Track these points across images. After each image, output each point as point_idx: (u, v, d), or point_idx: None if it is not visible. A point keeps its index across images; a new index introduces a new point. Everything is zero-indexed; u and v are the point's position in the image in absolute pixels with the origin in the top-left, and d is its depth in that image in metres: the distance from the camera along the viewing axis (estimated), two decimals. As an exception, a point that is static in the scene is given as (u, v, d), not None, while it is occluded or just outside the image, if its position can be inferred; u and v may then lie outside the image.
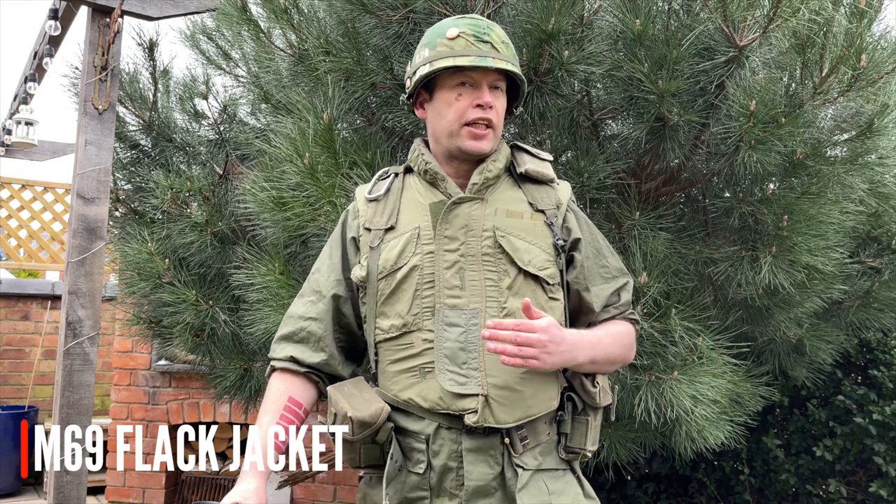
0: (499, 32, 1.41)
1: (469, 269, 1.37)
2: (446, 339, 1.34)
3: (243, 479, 1.31)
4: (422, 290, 1.37)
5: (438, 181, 1.43)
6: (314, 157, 2.09)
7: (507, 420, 1.33)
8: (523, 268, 1.37)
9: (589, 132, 2.23)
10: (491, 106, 1.39)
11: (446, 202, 1.40)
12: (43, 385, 5.49)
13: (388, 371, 1.40)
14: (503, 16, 2.09)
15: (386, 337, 1.40)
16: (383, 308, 1.40)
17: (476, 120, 1.39)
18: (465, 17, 1.43)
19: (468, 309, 1.35)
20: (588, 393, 1.42)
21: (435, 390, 1.34)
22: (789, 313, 2.39)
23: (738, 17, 1.84)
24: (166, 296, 2.82)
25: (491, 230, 1.39)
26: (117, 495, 4.43)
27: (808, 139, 2.01)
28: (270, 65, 2.50)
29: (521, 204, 1.44)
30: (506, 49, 1.40)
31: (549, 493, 1.36)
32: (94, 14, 3.04)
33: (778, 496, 3.49)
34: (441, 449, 1.35)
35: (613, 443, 2.48)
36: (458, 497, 1.33)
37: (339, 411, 1.35)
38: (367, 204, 1.48)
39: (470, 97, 1.38)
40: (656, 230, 2.12)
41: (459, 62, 1.35)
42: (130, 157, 3.31)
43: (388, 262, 1.40)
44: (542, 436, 1.39)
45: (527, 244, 1.40)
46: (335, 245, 1.51)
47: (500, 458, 1.35)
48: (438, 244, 1.38)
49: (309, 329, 1.46)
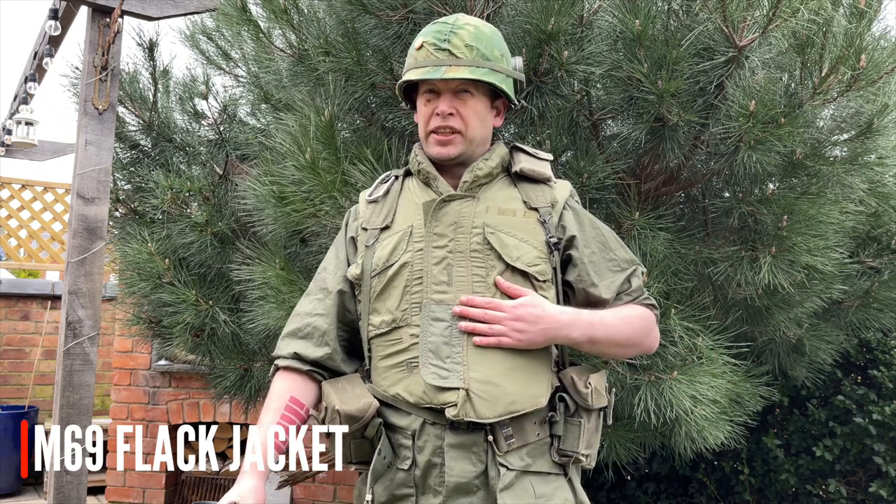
0: (464, 35, 1.40)
1: (457, 265, 1.38)
2: (431, 334, 1.35)
3: (242, 479, 1.32)
4: (411, 287, 1.38)
5: (431, 180, 1.46)
6: (315, 153, 2.10)
7: (488, 415, 1.32)
8: (511, 264, 1.38)
9: (588, 132, 2.23)
10: (451, 113, 1.41)
11: (437, 200, 1.43)
12: (43, 385, 5.49)
13: (380, 367, 1.41)
14: (503, 16, 2.09)
15: (377, 333, 1.41)
16: (375, 304, 1.42)
17: (436, 128, 1.43)
18: (437, 23, 1.44)
19: (455, 304, 1.36)
20: (580, 393, 1.40)
21: (419, 385, 1.34)
22: (789, 313, 2.39)
23: (737, 17, 1.84)
24: (166, 296, 2.82)
25: (481, 227, 1.40)
26: (117, 495, 4.43)
27: (808, 139, 2.01)
28: (270, 65, 2.50)
29: (515, 202, 1.45)
30: (470, 52, 1.39)
31: (536, 496, 1.34)
32: (94, 14, 3.05)
33: (778, 496, 3.49)
34: (426, 445, 1.35)
35: (613, 443, 2.48)
36: (441, 494, 1.33)
37: (328, 405, 1.36)
38: (367, 205, 1.52)
39: (433, 106, 1.43)
40: (656, 230, 2.12)
41: (413, 76, 1.41)
42: (130, 157, 3.31)
43: (381, 260, 1.42)
44: (530, 436, 1.37)
45: (517, 241, 1.40)
46: (340, 245, 1.54)
47: (484, 456, 1.34)
48: (428, 241, 1.40)
49: (314, 324, 1.47)
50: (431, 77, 1.39)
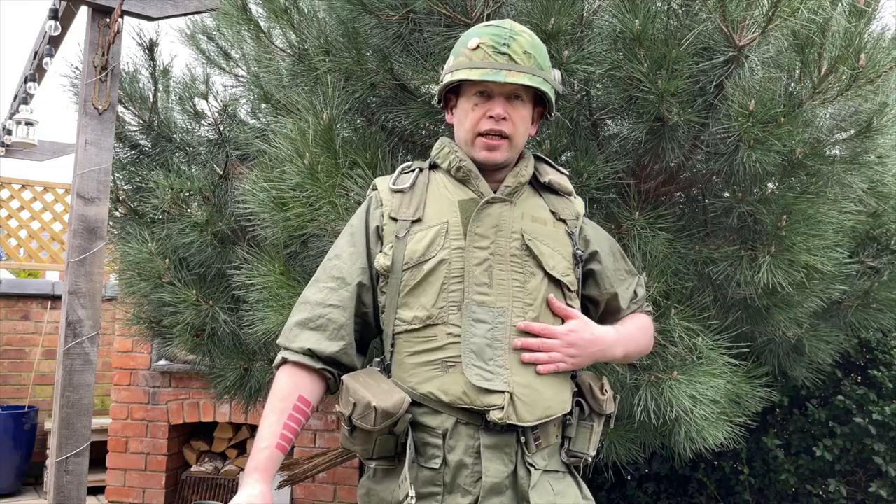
0: (522, 42, 1.40)
1: (497, 268, 1.39)
2: (474, 335, 1.35)
3: (248, 483, 1.29)
4: (449, 285, 1.38)
5: (472, 179, 1.45)
6: (314, 158, 2.10)
7: (529, 419, 1.35)
8: (549, 272, 1.41)
9: (588, 132, 2.23)
10: (504, 117, 1.40)
11: (478, 200, 1.42)
12: (43, 385, 5.49)
13: (406, 363, 1.39)
14: (502, 15, 2.09)
15: (407, 328, 1.39)
16: (406, 299, 1.40)
17: (488, 131, 1.41)
18: (492, 26, 1.43)
19: (496, 307, 1.37)
20: (597, 399, 1.47)
21: (458, 384, 1.34)
22: (789, 313, 2.39)
23: (737, 16, 1.84)
24: (166, 296, 2.82)
25: (519, 232, 1.42)
26: (117, 495, 4.43)
27: (807, 138, 2.01)
28: (270, 65, 2.50)
29: (545, 212, 1.48)
30: (527, 60, 1.39)
31: (554, 493, 1.39)
32: (94, 14, 3.05)
33: (778, 496, 3.49)
34: (457, 444, 1.35)
35: (613, 443, 2.48)
36: (471, 494, 1.34)
37: (358, 401, 1.32)
38: (393, 194, 1.48)
39: (485, 108, 1.41)
40: (656, 230, 2.12)
41: (471, 76, 1.38)
42: (130, 157, 3.32)
43: (416, 254, 1.39)
44: (552, 438, 1.43)
45: (550, 250, 1.44)
46: (358, 233, 1.48)
47: (514, 457, 1.36)
48: (469, 241, 1.40)
49: (329, 316, 1.42)
50: (493, 80, 1.37)
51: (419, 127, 2.33)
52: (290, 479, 3.18)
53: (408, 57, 2.19)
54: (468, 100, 1.43)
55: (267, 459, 1.31)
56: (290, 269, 2.40)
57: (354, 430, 1.35)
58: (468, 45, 1.41)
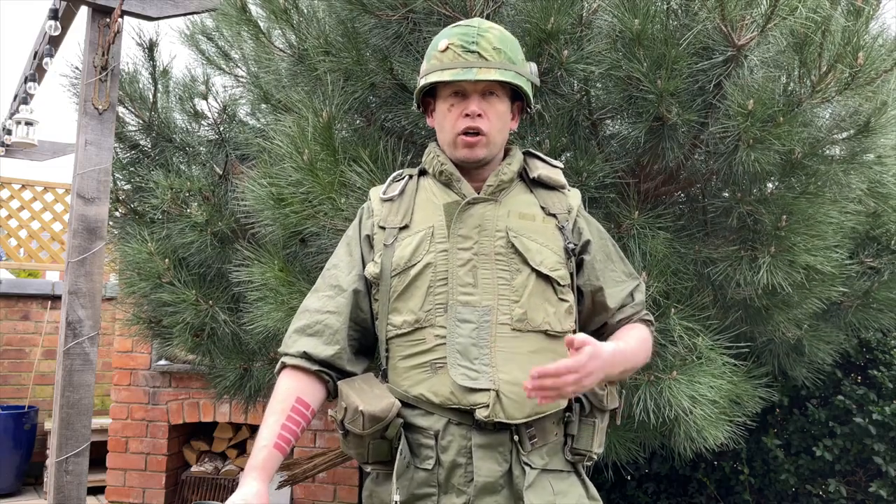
0: (491, 38, 1.40)
1: (482, 268, 1.39)
2: (459, 335, 1.36)
3: (245, 481, 1.30)
4: (435, 287, 1.39)
5: (454, 182, 1.46)
6: (313, 154, 2.10)
7: (517, 416, 1.34)
8: (535, 268, 1.40)
9: (588, 132, 2.23)
10: (479, 114, 1.41)
11: (460, 202, 1.43)
12: (43, 385, 5.49)
13: (399, 367, 1.41)
14: (502, 15, 2.09)
15: (398, 333, 1.41)
16: (396, 304, 1.41)
17: (465, 129, 1.41)
18: (460, 26, 1.44)
19: (481, 306, 1.37)
20: (596, 395, 1.44)
21: (446, 385, 1.35)
22: (788, 313, 2.39)
23: (736, 16, 1.84)
24: (166, 296, 2.82)
25: (504, 230, 1.42)
26: (117, 495, 4.43)
27: (807, 138, 2.01)
28: (270, 65, 2.50)
29: (534, 207, 1.47)
30: (498, 55, 1.39)
31: (555, 493, 1.37)
32: (94, 14, 3.05)
33: (778, 496, 3.49)
34: (450, 445, 1.35)
35: (613, 442, 2.48)
36: (465, 493, 1.34)
37: (349, 406, 1.35)
38: (382, 203, 1.51)
39: (461, 107, 1.42)
40: (655, 230, 2.12)
41: (443, 77, 1.39)
42: (130, 157, 3.32)
43: (402, 260, 1.41)
44: (550, 436, 1.41)
45: (538, 245, 1.43)
46: (353, 243, 1.51)
47: (509, 456, 1.36)
48: (452, 243, 1.40)
49: (325, 322, 1.45)
50: (463, 78, 1.38)
51: (419, 127, 2.33)
52: (290, 479, 3.18)
53: (407, 57, 2.19)
54: (444, 101, 1.44)
55: (265, 459, 1.31)
56: (289, 267, 2.40)
57: (347, 434, 1.38)
58: (438, 48, 1.42)
